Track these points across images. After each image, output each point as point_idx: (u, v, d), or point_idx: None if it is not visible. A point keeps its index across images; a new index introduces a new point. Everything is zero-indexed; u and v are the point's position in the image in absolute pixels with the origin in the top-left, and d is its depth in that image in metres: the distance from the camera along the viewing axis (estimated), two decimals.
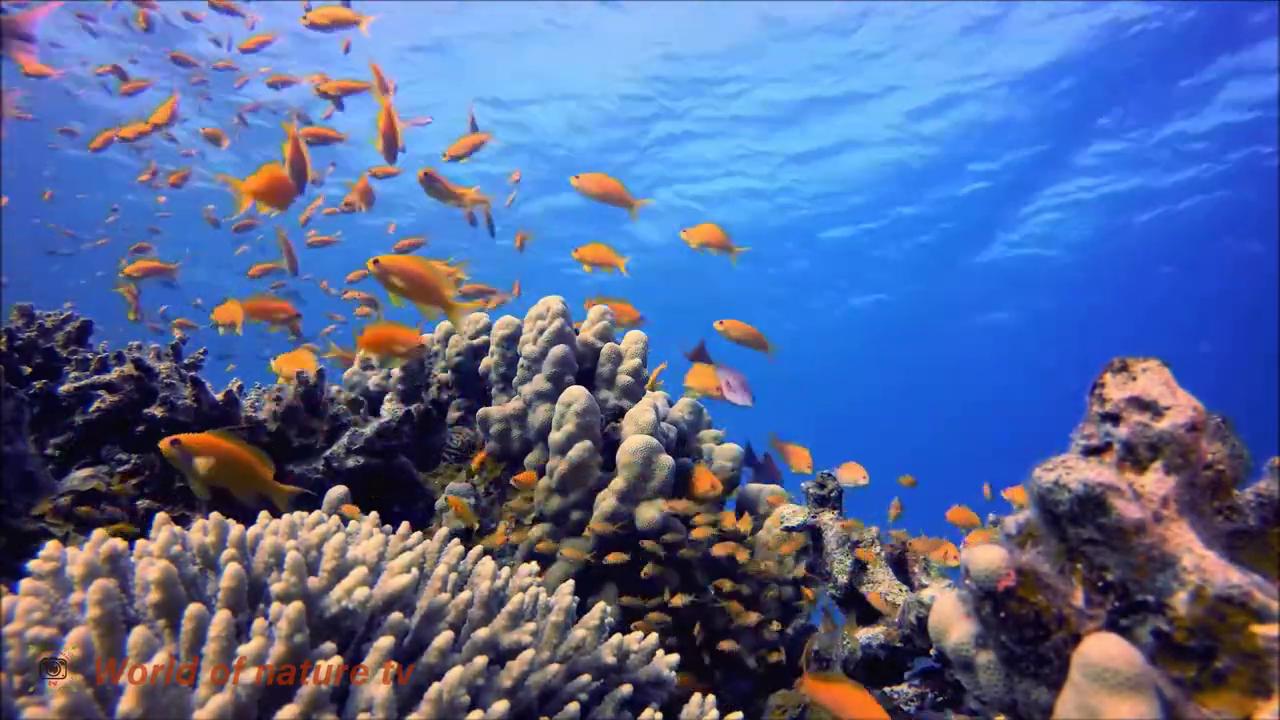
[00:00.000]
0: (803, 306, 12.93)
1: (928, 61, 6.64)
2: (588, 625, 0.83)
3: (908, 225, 10.06)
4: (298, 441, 1.40)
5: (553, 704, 0.73)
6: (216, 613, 0.54)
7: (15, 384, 1.21)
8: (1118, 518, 0.60)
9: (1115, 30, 6.05)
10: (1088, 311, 12.26)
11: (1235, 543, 0.65)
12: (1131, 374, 0.66)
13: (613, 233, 9.61)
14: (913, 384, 17.69)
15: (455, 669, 0.61)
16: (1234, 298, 10.92)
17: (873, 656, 1.07)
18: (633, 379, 1.54)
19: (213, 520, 0.67)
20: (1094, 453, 0.66)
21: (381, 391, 1.80)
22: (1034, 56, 6.46)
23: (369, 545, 0.73)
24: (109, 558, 0.61)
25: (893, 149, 8.24)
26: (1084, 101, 7.02)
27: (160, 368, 1.34)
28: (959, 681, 0.73)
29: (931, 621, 0.76)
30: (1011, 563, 0.64)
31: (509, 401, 1.55)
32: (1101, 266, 10.36)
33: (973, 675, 0.70)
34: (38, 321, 1.41)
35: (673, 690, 0.88)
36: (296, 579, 0.61)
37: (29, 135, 6.30)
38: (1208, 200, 8.43)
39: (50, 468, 1.22)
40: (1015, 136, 7.77)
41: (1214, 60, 6.28)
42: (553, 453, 1.39)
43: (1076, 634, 0.61)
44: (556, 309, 1.54)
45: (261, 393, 1.55)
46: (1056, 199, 8.94)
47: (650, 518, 1.28)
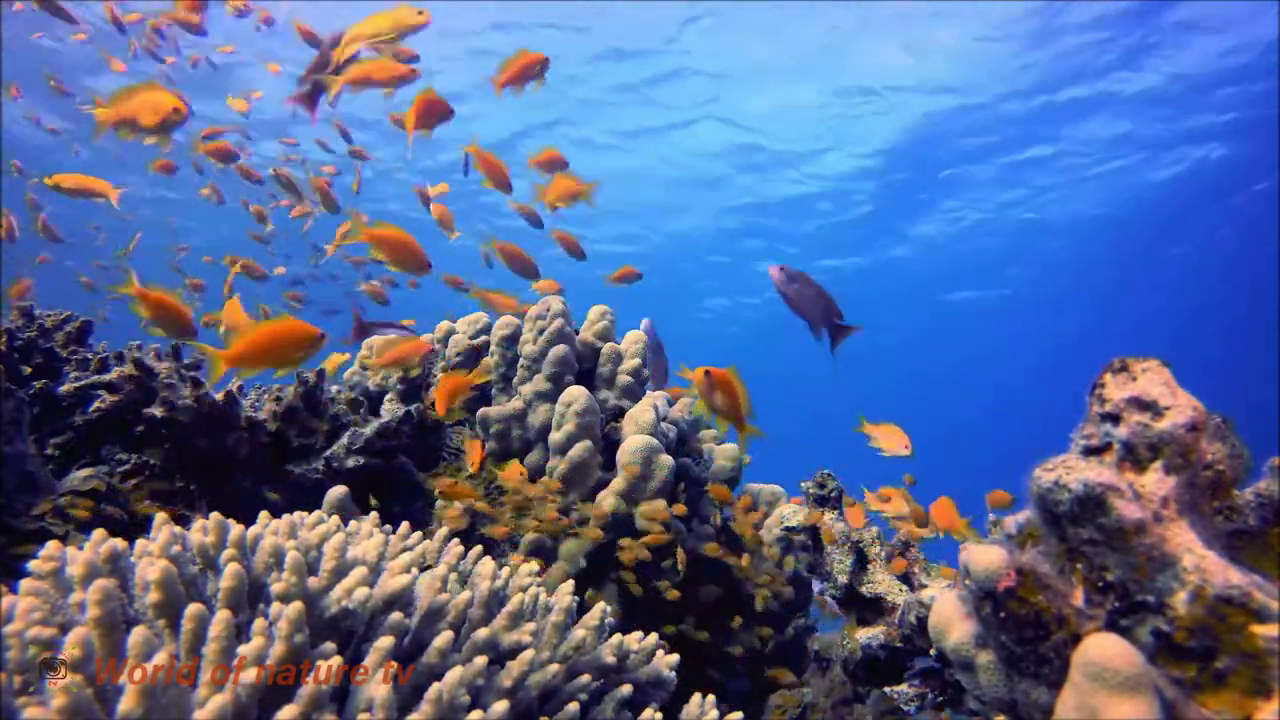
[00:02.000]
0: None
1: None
2: (588, 625, 0.82)
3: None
4: (298, 441, 1.40)
5: (553, 704, 0.73)
6: (216, 613, 0.54)
7: (15, 384, 1.21)
8: (1118, 518, 0.60)
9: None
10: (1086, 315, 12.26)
11: (1235, 543, 0.65)
12: (1131, 374, 0.66)
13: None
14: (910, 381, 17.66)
15: (455, 669, 0.61)
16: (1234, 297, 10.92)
17: (873, 656, 1.07)
18: (633, 379, 1.54)
19: (213, 520, 0.67)
20: (1094, 453, 0.66)
21: (381, 391, 1.80)
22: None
23: (369, 545, 0.73)
24: (109, 558, 0.61)
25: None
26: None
27: (160, 368, 1.34)
28: (959, 681, 0.73)
29: (931, 621, 0.76)
30: (1011, 563, 0.64)
31: (509, 401, 1.55)
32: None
33: (973, 675, 0.70)
34: (38, 321, 1.41)
35: (673, 688, 0.88)
36: (296, 579, 0.61)
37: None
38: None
39: (50, 468, 1.22)
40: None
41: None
42: (553, 453, 1.39)
43: (1076, 634, 0.61)
44: (557, 309, 1.54)
45: (261, 393, 1.55)
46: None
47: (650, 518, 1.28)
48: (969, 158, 8.38)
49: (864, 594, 1.14)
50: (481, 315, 1.81)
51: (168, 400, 1.27)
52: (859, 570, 1.18)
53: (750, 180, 9.14)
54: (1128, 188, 8.71)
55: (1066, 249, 10.41)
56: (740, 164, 8.78)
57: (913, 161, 8.53)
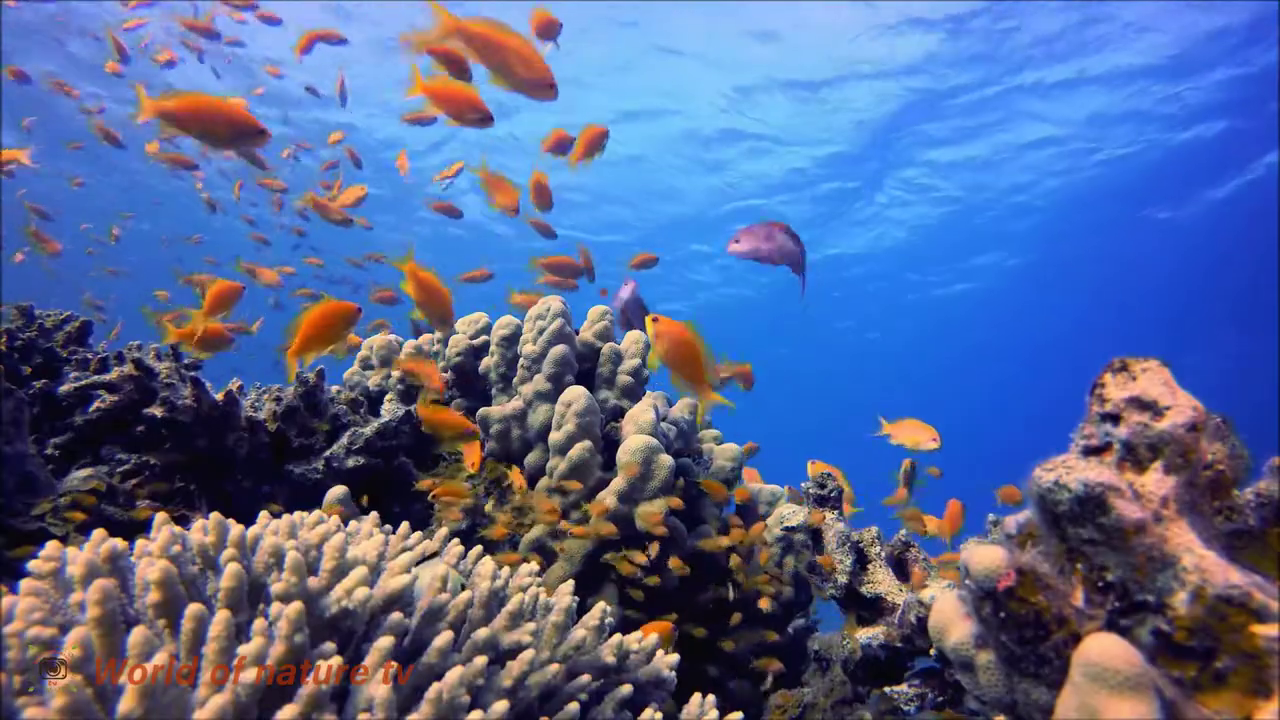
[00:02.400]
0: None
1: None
2: (588, 625, 0.83)
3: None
4: (298, 441, 1.40)
5: (553, 704, 0.73)
6: (216, 613, 0.54)
7: (15, 384, 1.21)
8: (1118, 518, 0.60)
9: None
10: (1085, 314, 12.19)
11: (1235, 543, 0.65)
12: (1131, 374, 0.66)
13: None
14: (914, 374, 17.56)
15: (455, 669, 0.61)
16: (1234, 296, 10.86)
17: (873, 656, 1.07)
18: (633, 379, 1.54)
19: (213, 520, 0.67)
20: (1094, 453, 0.66)
21: (381, 391, 1.80)
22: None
23: (369, 545, 0.73)
24: (109, 558, 0.61)
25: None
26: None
27: (160, 368, 1.34)
28: (959, 681, 0.73)
29: (931, 621, 0.76)
30: (1011, 563, 0.64)
31: (509, 401, 1.55)
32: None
33: (973, 675, 0.70)
34: (38, 321, 1.41)
35: (673, 688, 0.88)
36: (296, 579, 0.61)
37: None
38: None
39: (50, 468, 1.22)
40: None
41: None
42: (553, 453, 1.39)
43: (1076, 634, 0.61)
44: (557, 309, 1.54)
45: (261, 393, 1.55)
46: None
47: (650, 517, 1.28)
48: (933, 142, 8.10)
49: (864, 594, 1.14)
50: (482, 315, 1.80)
51: (168, 400, 1.28)
52: (859, 570, 1.18)
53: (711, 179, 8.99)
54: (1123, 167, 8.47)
55: (1051, 229, 10.14)
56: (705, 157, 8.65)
57: (879, 148, 8.29)
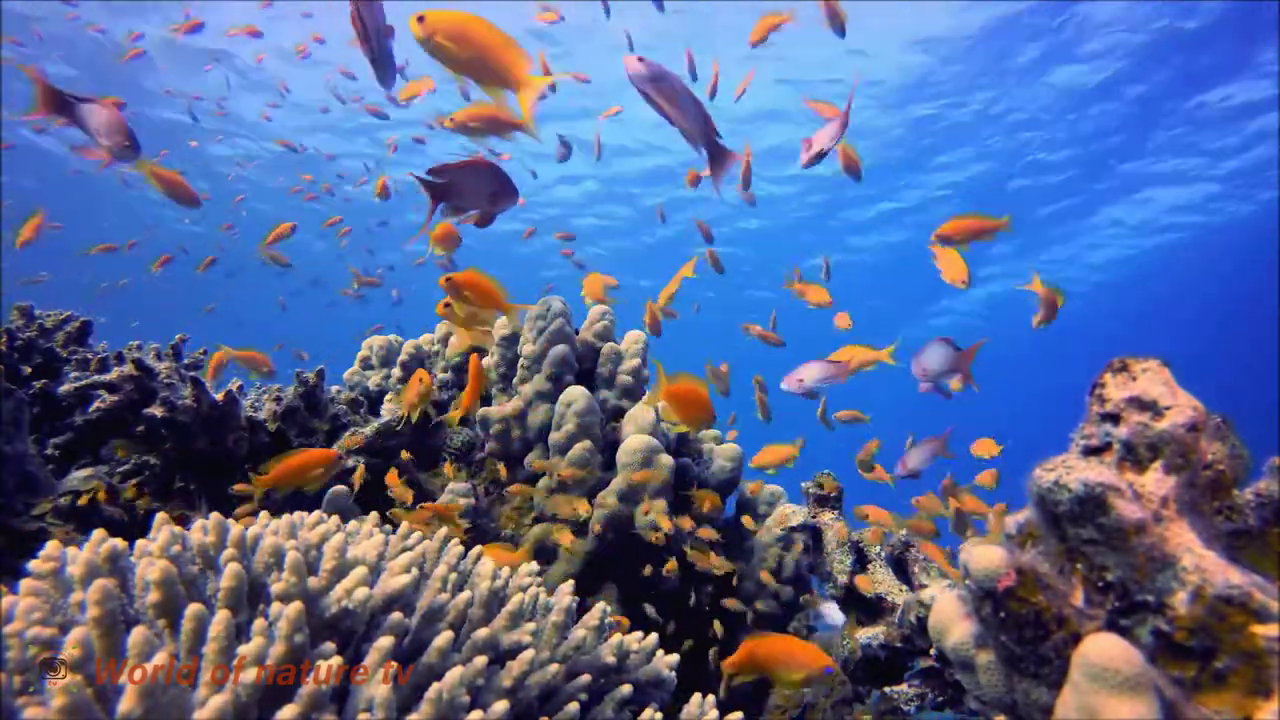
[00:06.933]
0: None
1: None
2: (588, 625, 0.82)
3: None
4: (298, 441, 1.40)
5: (553, 704, 0.73)
6: (216, 613, 0.54)
7: (15, 384, 1.21)
8: (1118, 517, 0.60)
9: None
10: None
11: (1235, 543, 0.65)
12: (1131, 374, 0.66)
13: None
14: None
15: (455, 669, 0.61)
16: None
17: (873, 656, 1.07)
18: (633, 379, 1.54)
19: (213, 520, 0.67)
20: (1094, 453, 0.66)
21: (381, 391, 1.80)
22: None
23: (369, 545, 0.73)
24: (109, 558, 0.61)
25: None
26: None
27: (160, 368, 1.34)
28: (959, 681, 0.73)
29: (931, 621, 0.76)
30: (1011, 563, 0.64)
31: (509, 401, 1.55)
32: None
33: (973, 675, 0.70)
34: (38, 321, 1.41)
35: (673, 688, 0.88)
36: (296, 579, 0.61)
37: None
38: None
39: (50, 468, 1.22)
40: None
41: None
42: (553, 453, 1.39)
43: (1076, 634, 0.61)
44: (557, 309, 1.54)
45: (261, 393, 1.55)
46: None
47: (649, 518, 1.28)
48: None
49: (864, 594, 1.14)
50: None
51: (168, 400, 1.28)
52: (859, 570, 1.18)
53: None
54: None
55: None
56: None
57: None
